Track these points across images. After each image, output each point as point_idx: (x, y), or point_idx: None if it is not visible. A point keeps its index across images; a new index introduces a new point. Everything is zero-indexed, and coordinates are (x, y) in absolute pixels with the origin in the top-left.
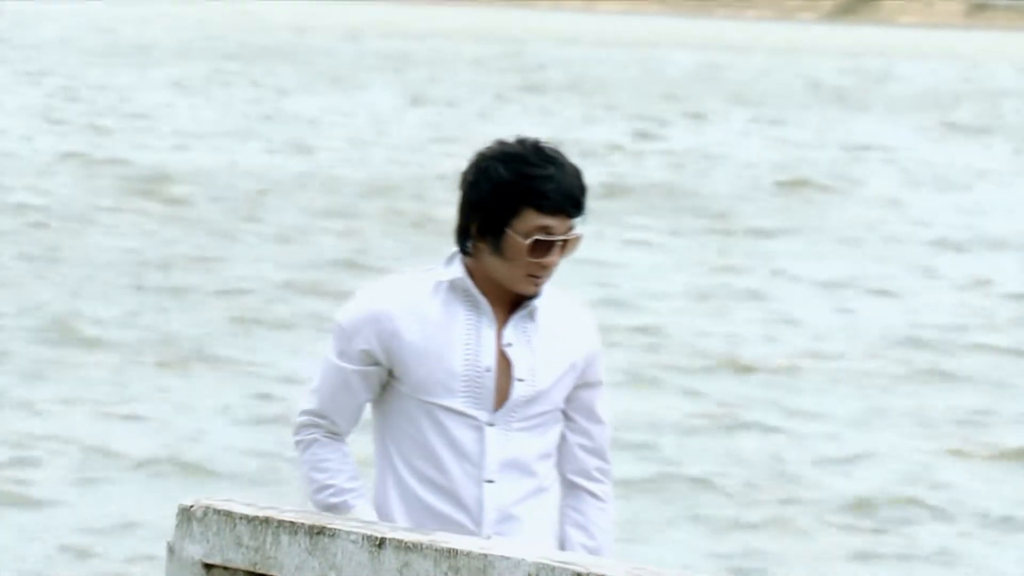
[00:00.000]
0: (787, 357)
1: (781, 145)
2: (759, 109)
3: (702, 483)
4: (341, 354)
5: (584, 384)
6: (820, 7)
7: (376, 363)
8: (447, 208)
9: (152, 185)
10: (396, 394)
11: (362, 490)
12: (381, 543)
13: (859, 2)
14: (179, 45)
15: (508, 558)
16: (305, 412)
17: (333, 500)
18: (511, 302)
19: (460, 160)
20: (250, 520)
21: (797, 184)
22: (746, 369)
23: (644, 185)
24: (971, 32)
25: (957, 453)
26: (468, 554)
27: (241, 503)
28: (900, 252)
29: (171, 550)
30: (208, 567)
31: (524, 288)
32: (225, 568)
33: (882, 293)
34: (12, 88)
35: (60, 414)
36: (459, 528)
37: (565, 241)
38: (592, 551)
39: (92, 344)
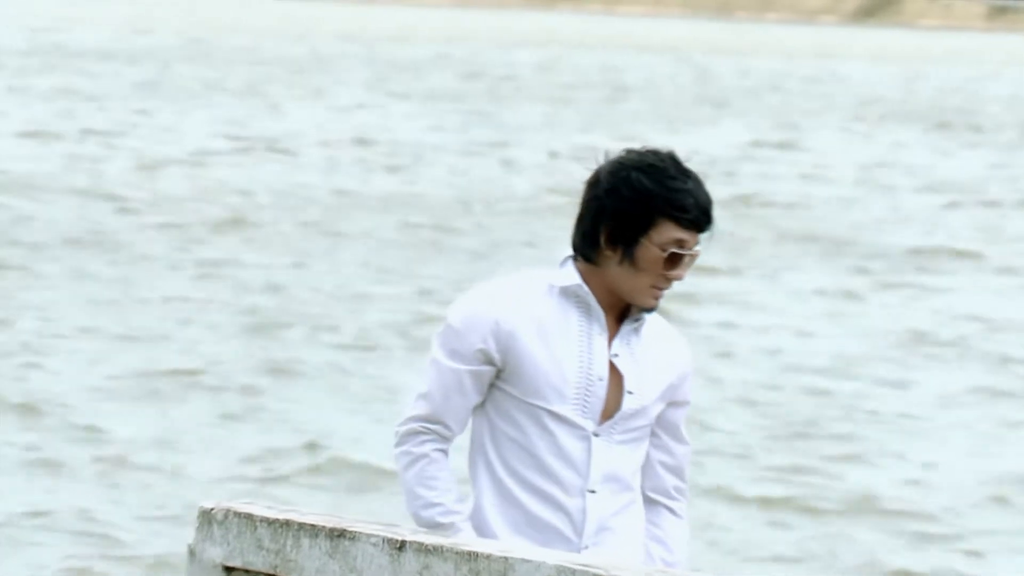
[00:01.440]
0: None
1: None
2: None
3: None
4: (453, 354)
5: (674, 403)
6: (841, 10)
7: (489, 363)
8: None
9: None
10: (502, 396)
11: (467, 513)
12: (401, 546)
13: (880, 5)
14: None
15: (528, 561)
16: (414, 419)
17: (441, 519)
18: (619, 314)
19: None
20: (271, 523)
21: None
22: None
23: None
24: (992, 35)
25: None
26: (488, 557)
27: (262, 506)
28: None
29: (191, 553)
30: (229, 570)
31: (645, 300)
32: (246, 571)
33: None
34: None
35: None
36: (557, 536)
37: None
38: (670, 565)
39: None
